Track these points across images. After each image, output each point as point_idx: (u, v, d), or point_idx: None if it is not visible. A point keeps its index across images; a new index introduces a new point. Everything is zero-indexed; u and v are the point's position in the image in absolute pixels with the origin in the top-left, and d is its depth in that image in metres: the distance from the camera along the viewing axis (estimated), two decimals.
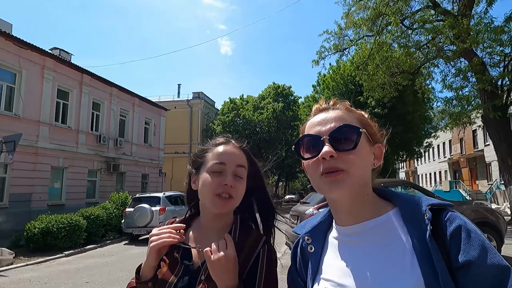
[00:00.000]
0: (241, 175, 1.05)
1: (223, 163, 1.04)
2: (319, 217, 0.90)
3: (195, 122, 32.24)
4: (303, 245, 0.87)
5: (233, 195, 1.01)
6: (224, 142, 1.12)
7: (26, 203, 13.40)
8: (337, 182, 0.73)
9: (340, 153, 0.74)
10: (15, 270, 8.05)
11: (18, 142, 9.36)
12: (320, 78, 30.58)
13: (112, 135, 18.85)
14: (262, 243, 1.02)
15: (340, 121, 0.78)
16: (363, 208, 0.78)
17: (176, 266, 1.02)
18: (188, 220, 1.15)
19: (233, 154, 1.07)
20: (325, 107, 0.85)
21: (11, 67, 13.24)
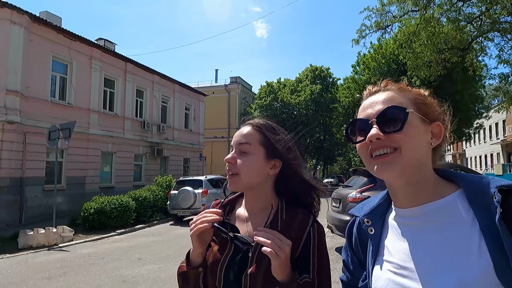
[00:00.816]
0: (246, 150, 1.06)
1: (232, 145, 1.11)
2: (377, 199, 0.89)
3: (233, 106, 32.59)
4: (363, 227, 0.86)
5: (236, 171, 1.04)
6: (244, 124, 1.14)
7: (80, 185, 14.49)
8: (387, 163, 0.73)
9: (388, 135, 0.73)
10: (75, 246, 8.83)
11: (73, 129, 10.06)
12: (360, 58, 29.43)
13: (155, 121, 19.63)
14: (311, 221, 1.03)
15: (389, 102, 0.77)
16: (423, 190, 0.76)
17: (226, 244, 1.04)
18: (234, 201, 1.18)
19: (239, 133, 1.10)
20: (376, 90, 0.84)
21: (62, 58, 14.11)
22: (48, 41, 13.33)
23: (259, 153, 1.06)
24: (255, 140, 1.07)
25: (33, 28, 12.70)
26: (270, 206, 1.07)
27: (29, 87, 12.45)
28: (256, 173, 1.05)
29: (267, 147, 1.07)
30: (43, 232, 8.76)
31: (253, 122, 1.12)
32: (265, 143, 1.07)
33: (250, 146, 1.06)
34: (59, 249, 8.42)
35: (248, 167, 1.04)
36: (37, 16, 12.94)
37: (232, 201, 1.18)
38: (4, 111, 11.48)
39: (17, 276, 6.21)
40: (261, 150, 1.06)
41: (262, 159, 1.06)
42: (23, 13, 12.09)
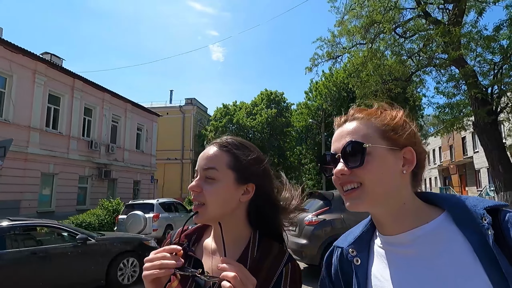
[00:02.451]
0: (212, 176, 0.90)
1: (196, 169, 0.96)
2: (360, 227, 0.86)
3: (188, 128, 32.11)
4: (349, 258, 0.82)
5: (202, 200, 0.89)
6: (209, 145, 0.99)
7: (14, 210, 13.07)
8: (354, 199, 0.74)
9: (352, 170, 0.73)
10: None
11: (9, 147, 9.16)
12: (312, 85, 30.83)
13: (104, 141, 18.62)
14: (285, 260, 0.91)
15: (352, 135, 0.76)
16: (404, 217, 0.75)
17: (187, 279, 0.91)
18: (202, 229, 1.05)
19: (204, 156, 0.95)
20: (344, 120, 0.82)
21: (1, 71, 13.03)
22: None
23: (227, 178, 0.91)
24: (222, 163, 0.92)
25: None
26: (241, 238, 0.95)
27: None
28: (225, 202, 0.90)
29: (237, 170, 0.92)
30: None
31: (219, 141, 0.97)
32: (234, 165, 0.92)
33: (217, 171, 0.91)
34: None
35: (216, 196, 0.89)
36: None
37: (200, 229, 1.04)
38: None
39: None
40: (230, 174, 0.92)
41: (231, 185, 0.91)
42: None
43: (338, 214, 6.02)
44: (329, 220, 5.94)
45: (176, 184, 30.69)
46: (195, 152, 32.41)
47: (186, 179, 31.30)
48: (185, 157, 31.63)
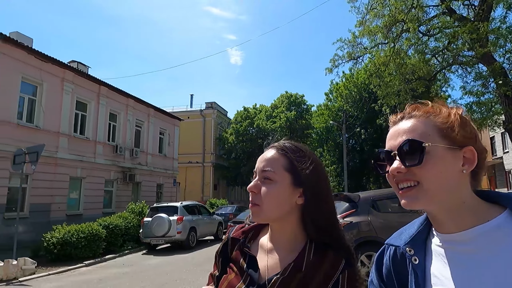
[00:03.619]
0: (270, 177, 0.94)
1: (255, 171, 0.99)
2: (415, 226, 0.85)
3: (208, 131, 32.43)
4: (406, 257, 0.81)
5: (258, 201, 0.93)
6: (267, 148, 1.02)
7: (45, 213, 13.60)
8: (411, 197, 0.73)
9: (409, 168, 0.73)
10: (37, 279, 8.14)
11: (41, 153, 9.54)
12: (333, 86, 30.57)
13: (128, 145, 19.08)
14: (342, 267, 0.89)
15: (410, 133, 0.75)
16: (463, 215, 0.74)
17: (242, 275, 0.95)
18: (259, 228, 1.07)
19: (262, 158, 0.98)
20: (400, 117, 0.81)
21: (32, 80, 13.61)
22: (17, 62, 12.85)
23: (284, 180, 0.94)
24: (279, 166, 0.95)
25: (3, 48, 12.23)
26: (296, 241, 0.96)
27: None
28: (281, 203, 0.93)
29: (294, 173, 0.95)
30: (2, 265, 8.03)
31: (277, 145, 1.00)
32: (291, 168, 0.95)
33: (274, 173, 0.94)
34: (19, 284, 7.72)
35: (272, 197, 0.92)
36: (7, 36, 12.51)
37: (256, 227, 1.07)
38: None
39: None
40: (286, 176, 0.94)
41: (288, 187, 0.94)
42: None
43: (365, 217, 5.93)
44: (355, 223, 5.85)
45: (197, 187, 31.03)
46: (215, 156, 32.69)
47: (207, 182, 31.60)
48: (206, 161, 31.94)
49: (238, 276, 0.96)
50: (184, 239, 11.88)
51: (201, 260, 9.83)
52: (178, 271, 8.45)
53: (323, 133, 32.27)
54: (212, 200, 24.45)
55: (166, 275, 8.04)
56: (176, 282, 7.37)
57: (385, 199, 6.23)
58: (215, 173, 32.14)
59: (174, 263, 9.67)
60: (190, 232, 12.19)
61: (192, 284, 7.09)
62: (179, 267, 9.00)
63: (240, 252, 1.00)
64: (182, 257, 10.55)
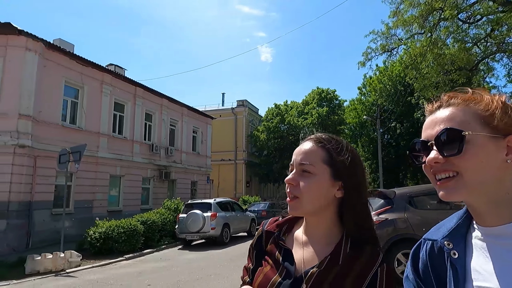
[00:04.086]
0: (308, 170, 0.92)
1: (292, 164, 0.98)
2: (454, 219, 0.81)
3: (240, 129, 32.71)
4: (445, 251, 0.78)
5: (297, 193, 0.92)
6: (304, 141, 1.01)
7: (88, 209, 14.38)
8: (449, 189, 0.70)
9: (448, 158, 0.69)
10: (82, 271, 8.65)
11: (84, 152, 10.10)
12: (366, 80, 29.73)
13: (163, 144, 19.71)
14: (380, 261, 0.89)
15: (448, 122, 0.72)
16: (505, 208, 0.70)
17: (278, 267, 0.96)
18: (293, 221, 1.07)
19: (299, 151, 0.97)
20: (438, 106, 0.78)
21: (74, 83, 14.41)
22: (61, 67, 13.66)
23: (323, 173, 0.92)
24: (318, 159, 0.94)
25: (47, 55, 13.05)
26: (332, 234, 0.95)
27: (41, 112, 12.64)
28: (320, 197, 0.92)
29: (333, 166, 0.93)
30: (51, 257, 8.62)
31: (314, 137, 0.99)
32: (330, 161, 0.94)
33: (313, 166, 0.93)
34: (67, 275, 8.24)
35: (312, 191, 0.91)
36: (51, 43, 13.32)
37: (291, 220, 1.06)
38: (16, 135, 11.61)
39: None
40: (326, 169, 0.93)
41: (327, 180, 0.92)
42: (38, 40, 12.45)
43: (401, 213, 5.73)
44: (391, 220, 5.67)
45: (230, 184, 31.44)
46: (247, 153, 32.93)
47: (240, 179, 31.94)
48: (238, 158, 32.28)
49: (273, 269, 0.96)
50: (218, 235, 12.11)
51: (235, 255, 9.98)
52: (213, 266, 8.63)
53: (357, 129, 31.50)
54: (245, 197, 24.68)
55: (201, 270, 8.24)
56: (211, 277, 7.53)
57: (423, 196, 5.98)
58: (247, 170, 32.39)
59: (209, 258, 9.89)
60: (224, 228, 12.40)
61: (226, 279, 7.23)
62: (214, 262, 9.19)
63: (275, 245, 1.01)
64: (216, 253, 10.76)
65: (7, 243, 11.13)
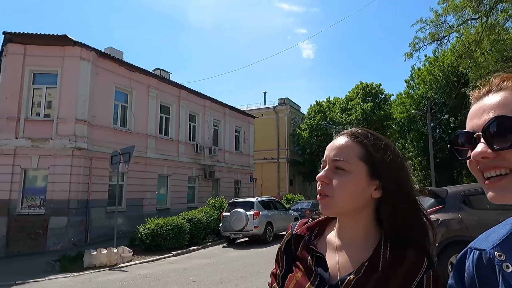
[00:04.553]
0: (343, 167, 0.85)
1: (324, 160, 0.90)
2: (508, 225, 0.69)
3: (282, 128, 32.61)
4: (495, 263, 0.66)
5: (329, 192, 0.84)
6: (338, 135, 0.93)
7: (139, 207, 15.18)
8: (501, 189, 0.59)
9: (499, 152, 0.58)
10: (133, 266, 9.12)
11: (132, 153, 10.66)
12: (414, 72, 28.20)
13: (207, 144, 20.23)
14: (426, 265, 0.81)
15: (501, 108, 0.60)
16: None
17: (310, 274, 0.88)
18: (324, 223, 0.98)
19: (333, 146, 0.89)
20: (486, 91, 0.66)
21: (124, 88, 15.27)
22: (111, 74, 14.55)
23: (360, 171, 0.85)
24: (354, 155, 0.86)
25: (99, 63, 13.96)
26: (369, 237, 0.87)
27: (95, 116, 13.55)
28: (355, 196, 0.84)
29: (371, 163, 0.85)
30: (105, 252, 9.20)
31: (349, 132, 0.91)
32: (367, 158, 0.86)
33: (348, 163, 0.85)
34: (119, 269, 8.75)
35: (346, 189, 0.84)
36: (102, 51, 14.23)
37: (322, 222, 0.99)
38: (74, 138, 12.56)
39: None
40: (362, 167, 0.85)
41: (363, 179, 0.85)
42: (90, 50, 13.37)
43: (455, 214, 5.32)
44: (443, 221, 5.29)
45: (273, 183, 31.48)
46: (290, 151, 32.73)
47: (283, 178, 31.85)
48: (281, 156, 32.21)
49: (306, 276, 0.89)
50: (261, 234, 12.16)
51: None
52: (257, 265, 8.67)
53: (405, 124, 29.95)
54: (288, 196, 24.55)
55: (245, 268, 8.32)
56: (254, 275, 7.57)
57: (480, 194, 5.50)
58: (290, 168, 32.21)
59: (252, 257, 9.96)
60: (267, 227, 12.43)
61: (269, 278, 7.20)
62: (257, 261, 9.23)
63: (306, 250, 0.94)
64: (260, 251, 10.80)
65: (68, 238, 12.11)
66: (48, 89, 13.11)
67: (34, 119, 12.81)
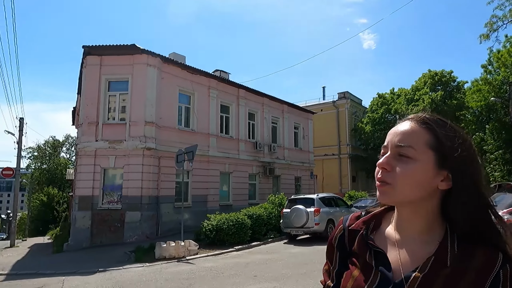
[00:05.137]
0: (407, 154, 0.79)
1: (385, 146, 0.84)
2: None
3: (343, 122, 31.63)
4: None
5: (390, 179, 0.79)
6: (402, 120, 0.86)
7: (203, 203, 15.94)
8: None
9: None
10: (199, 259, 9.62)
11: (196, 151, 11.22)
12: (492, 55, 25.29)
13: (266, 141, 20.46)
14: (501, 261, 0.74)
15: None
16: None
17: (370, 272, 0.83)
18: (379, 216, 0.93)
19: (396, 131, 0.83)
20: None
21: (186, 91, 16.12)
22: (175, 77, 15.46)
23: (427, 159, 0.78)
24: (421, 141, 0.79)
25: (164, 68, 14.92)
26: (432, 231, 0.81)
27: (162, 118, 14.53)
28: (420, 186, 0.78)
29: (439, 152, 0.79)
30: (174, 245, 9.84)
31: (415, 117, 0.84)
32: (436, 145, 0.79)
33: (414, 149, 0.79)
34: (186, 262, 9.29)
35: (410, 178, 0.78)
36: (166, 57, 15.20)
37: (377, 216, 0.93)
38: (144, 139, 13.62)
39: (153, 284, 7.05)
40: (430, 155, 0.79)
41: (431, 168, 0.78)
42: (156, 56, 14.35)
43: None
44: None
45: (335, 179, 30.73)
46: (351, 147, 31.64)
47: (345, 174, 30.92)
48: (342, 152, 31.29)
49: (365, 273, 0.84)
50: (322, 231, 11.97)
51: None
52: (317, 262, 8.56)
53: (482, 113, 27.03)
54: (351, 192, 23.73)
55: (306, 265, 8.27)
56: (315, 272, 7.48)
57: None
58: (352, 164, 31.14)
59: (313, 254, 9.85)
60: (328, 224, 12.18)
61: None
62: (318, 258, 9.10)
63: (362, 245, 0.88)
64: (321, 249, 10.59)
65: (142, 231, 13.19)
66: (121, 95, 14.39)
67: (110, 123, 14.16)
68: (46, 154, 48.98)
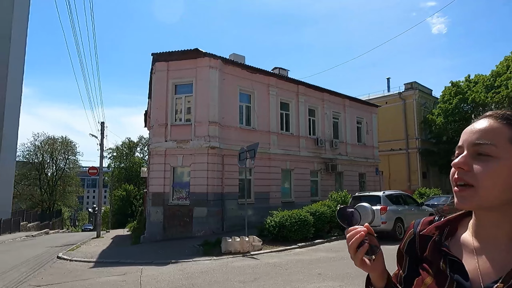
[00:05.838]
0: (488, 153, 0.73)
1: (461, 146, 0.79)
2: None
3: (410, 115, 29.62)
4: None
5: (470, 180, 0.73)
6: (479, 118, 0.82)
7: (265, 200, 16.21)
8: None
9: None
10: (263, 255, 9.83)
11: (257, 149, 11.45)
12: None
13: (327, 137, 20.06)
14: None
15: None
16: None
17: (444, 280, 0.79)
18: (455, 222, 0.88)
19: (473, 129, 0.78)
20: None
21: (246, 90, 16.50)
22: (235, 77, 15.92)
23: (511, 156, 0.73)
24: (503, 138, 0.74)
25: (225, 69, 15.45)
26: None
27: (224, 117, 15.08)
28: (506, 187, 0.72)
29: None
30: (238, 240, 10.18)
31: (494, 114, 0.79)
32: None
33: (496, 147, 0.73)
34: (251, 257, 9.56)
35: (494, 178, 0.72)
36: (227, 58, 15.71)
37: (452, 222, 0.88)
38: (208, 138, 14.28)
39: (220, 277, 7.40)
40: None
41: None
42: (217, 58, 14.92)
43: None
44: None
45: (403, 176, 28.97)
46: (421, 141, 29.52)
47: (414, 170, 28.98)
48: (410, 147, 29.35)
49: (438, 282, 0.80)
50: (390, 230, 11.42)
51: None
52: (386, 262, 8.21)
53: None
54: (421, 190, 22.18)
55: None
56: None
57: None
58: (422, 159, 29.02)
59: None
60: (397, 223, 11.58)
61: None
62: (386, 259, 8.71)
63: (435, 252, 0.84)
64: (389, 249, 9.93)
65: (208, 226, 13.88)
66: (186, 97, 15.25)
67: (177, 124, 15.10)
68: (123, 154, 53.97)
